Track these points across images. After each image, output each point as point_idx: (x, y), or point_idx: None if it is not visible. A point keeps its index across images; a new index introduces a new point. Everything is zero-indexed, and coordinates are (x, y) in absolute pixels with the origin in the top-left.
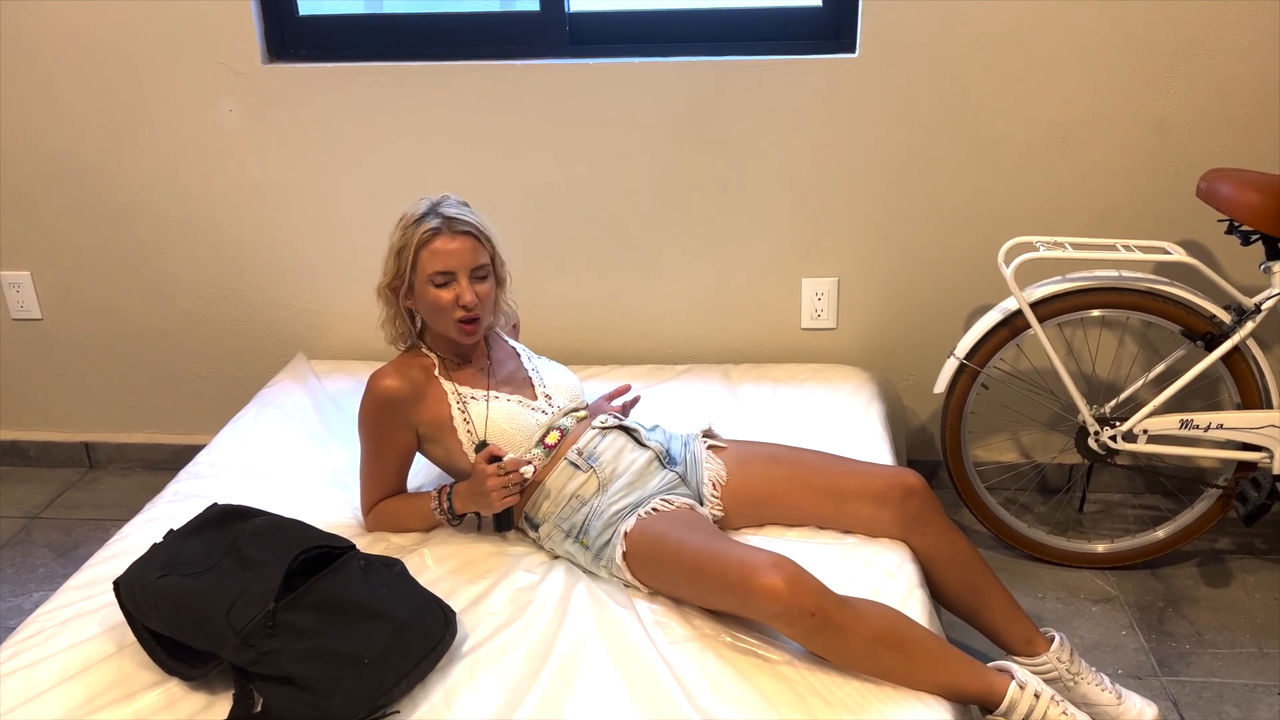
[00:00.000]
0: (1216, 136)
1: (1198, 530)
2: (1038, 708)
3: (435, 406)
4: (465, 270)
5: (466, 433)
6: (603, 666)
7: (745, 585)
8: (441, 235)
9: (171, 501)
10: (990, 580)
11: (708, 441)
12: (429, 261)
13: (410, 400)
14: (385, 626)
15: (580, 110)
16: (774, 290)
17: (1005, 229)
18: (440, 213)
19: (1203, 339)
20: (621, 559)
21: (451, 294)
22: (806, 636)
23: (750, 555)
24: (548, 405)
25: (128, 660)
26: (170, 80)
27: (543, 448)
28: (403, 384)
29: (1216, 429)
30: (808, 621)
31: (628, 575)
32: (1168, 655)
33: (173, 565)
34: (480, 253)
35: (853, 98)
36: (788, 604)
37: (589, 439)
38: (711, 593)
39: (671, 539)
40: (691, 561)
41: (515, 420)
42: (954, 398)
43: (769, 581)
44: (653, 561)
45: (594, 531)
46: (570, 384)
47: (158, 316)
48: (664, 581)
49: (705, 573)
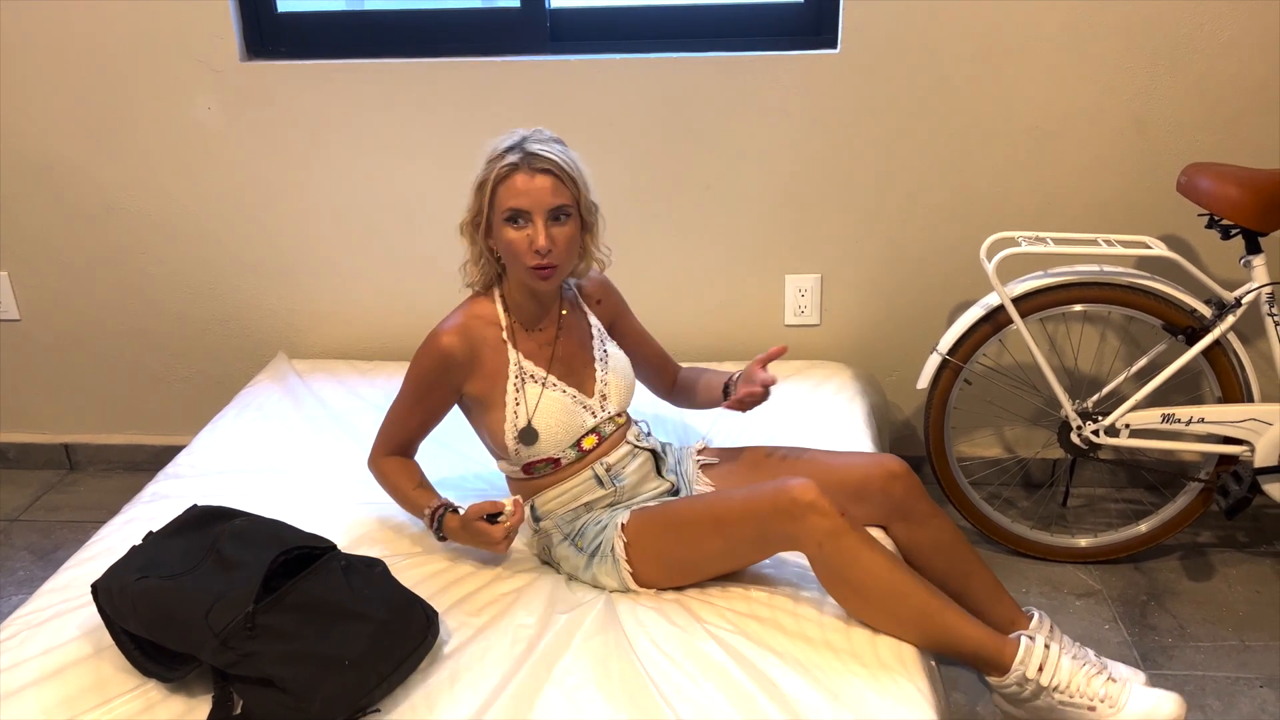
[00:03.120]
0: (1196, 132)
1: (1180, 524)
2: (1050, 657)
3: (491, 379)
4: (541, 210)
5: (513, 412)
6: (583, 667)
7: (776, 498)
8: (520, 172)
9: (150, 503)
10: (975, 563)
11: (700, 460)
12: (504, 198)
13: (465, 366)
14: (366, 628)
15: (561, 107)
16: (757, 287)
17: (988, 225)
18: (524, 147)
19: (1184, 333)
20: (623, 549)
21: (525, 235)
22: (833, 537)
23: (773, 480)
24: (601, 406)
25: (106, 663)
26: (148, 78)
27: (576, 449)
28: (463, 348)
29: (1198, 423)
30: (837, 521)
31: (625, 566)
32: (1150, 649)
33: (152, 567)
34: (560, 192)
35: (835, 94)
36: (818, 498)
37: (621, 456)
38: (739, 531)
39: (676, 507)
40: (707, 514)
41: (564, 416)
42: (937, 393)
43: (800, 485)
44: (658, 537)
45: (589, 535)
46: (628, 384)
47: (137, 317)
48: (672, 554)
49: (729, 514)
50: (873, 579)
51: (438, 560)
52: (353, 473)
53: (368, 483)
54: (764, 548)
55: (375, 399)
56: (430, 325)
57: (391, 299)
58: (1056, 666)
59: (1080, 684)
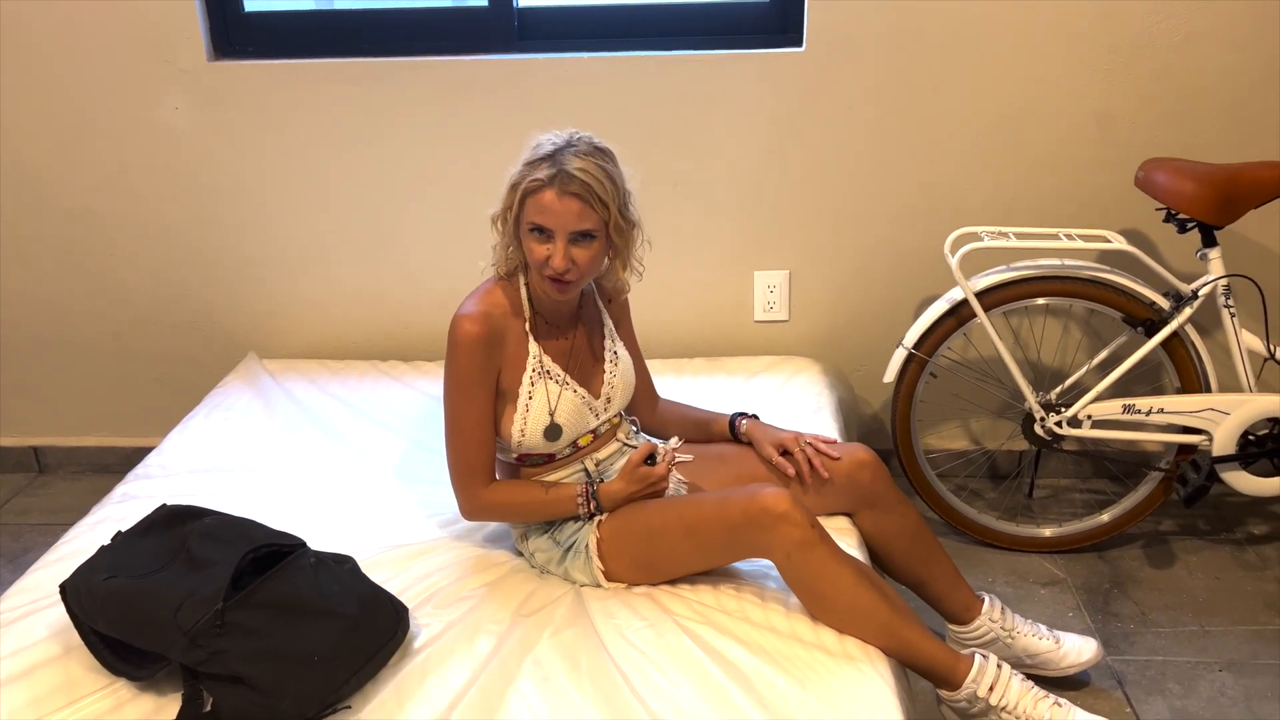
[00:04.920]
0: (1154, 128)
1: (1141, 513)
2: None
3: (512, 370)
4: (564, 232)
5: (524, 406)
6: (553, 661)
7: (748, 506)
8: (549, 189)
9: (119, 504)
10: (937, 549)
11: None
12: (531, 211)
13: (496, 348)
14: (336, 624)
15: (529, 105)
16: (727, 283)
17: (952, 220)
18: (560, 163)
19: (1143, 325)
20: (595, 545)
21: (545, 250)
22: (802, 548)
23: (745, 487)
24: (604, 408)
25: (74, 664)
26: (115, 79)
27: (572, 445)
28: (488, 333)
29: (1158, 413)
30: (808, 532)
31: (597, 564)
32: (1113, 635)
33: (120, 567)
34: (586, 218)
35: (801, 92)
36: (790, 509)
37: (610, 453)
38: (710, 538)
39: (651, 507)
40: (679, 521)
41: (575, 417)
42: (903, 387)
43: (773, 495)
44: (631, 539)
45: (567, 529)
46: (630, 387)
47: (107, 318)
48: (644, 556)
49: (701, 521)
50: (838, 591)
51: (408, 556)
52: (324, 471)
53: (339, 481)
54: (734, 553)
55: (347, 397)
56: (404, 323)
57: (362, 298)
58: (1006, 687)
59: (1027, 706)
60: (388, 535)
